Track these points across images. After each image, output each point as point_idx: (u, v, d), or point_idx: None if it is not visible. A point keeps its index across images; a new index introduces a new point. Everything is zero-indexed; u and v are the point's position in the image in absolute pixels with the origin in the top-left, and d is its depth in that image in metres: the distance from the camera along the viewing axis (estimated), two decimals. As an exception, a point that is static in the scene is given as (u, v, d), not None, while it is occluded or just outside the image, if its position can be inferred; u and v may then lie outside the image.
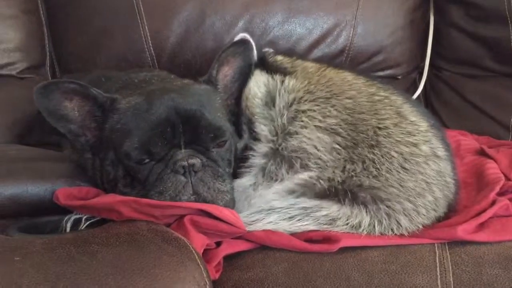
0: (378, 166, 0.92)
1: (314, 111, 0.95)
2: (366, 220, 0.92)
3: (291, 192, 0.95)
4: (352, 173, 0.92)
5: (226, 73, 1.05)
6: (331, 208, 0.93)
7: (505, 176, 1.11)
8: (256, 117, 1.01)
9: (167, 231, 0.87)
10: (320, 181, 0.94)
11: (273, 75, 1.04)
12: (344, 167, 0.93)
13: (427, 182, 0.94)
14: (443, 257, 0.87)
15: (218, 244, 0.92)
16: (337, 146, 0.93)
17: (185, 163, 0.91)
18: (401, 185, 0.92)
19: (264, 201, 0.96)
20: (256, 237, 0.92)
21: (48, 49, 1.52)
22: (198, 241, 0.87)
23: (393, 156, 0.92)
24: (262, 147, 0.99)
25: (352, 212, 0.93)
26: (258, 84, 1.03)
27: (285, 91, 1.00)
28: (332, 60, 1.56)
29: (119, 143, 0.93)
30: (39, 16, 1.51)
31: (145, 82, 1.08)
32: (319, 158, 0.94)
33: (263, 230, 0.93)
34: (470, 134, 1.46)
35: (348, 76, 1.01)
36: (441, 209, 0.97)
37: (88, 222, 0.93)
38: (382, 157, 0.92)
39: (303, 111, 0.96)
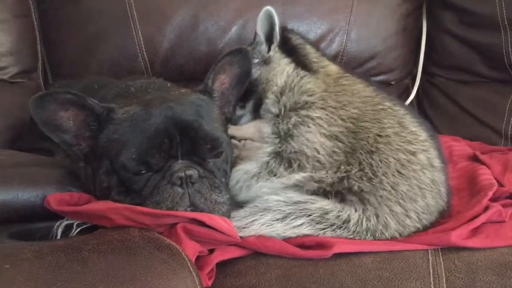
0: (376, 169, 0.94)
1: (322, 119, 0.98)
2: (355, 216, 0.94)
3: (285, 190, 0.97)
4: (344, 174, 0.95)
5: (223, 81, 1.05)
6: (323, 202, 0.95)
7: (498, 182, 1.12)
8: (267, 100, 1.06)
9: (159, 238, 0.86)
10: (312, 182, 0.96)
11: (297, 68, 1.06)
12: (339, 168, 0.95)
13: (421, 188, 0.95)
14: (436, 264, 0.87)
15: (211, 251, 0.92)
16: (337, 150, 0.96)
17: (182, 175, 0.91)
18: (393, 188, 0.94)
19: (260, 196, 0.97)
20: (249, 244, 0.92)
21: (40, 54, 1.51)
22: (191, 249, 0.86)
23: (390, 162, 0.94)
24: (267, 147, 1.01)
25: (343, 207, 0.94)
26: (282, 73, 1.06)
27: (299, 90, 1.03)
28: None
29: (116, 154, 0.92)
30: (31, 20, 1.50)
31: (141, 91, 1.08)
32: (318, 161, 0.96)
33: (256, 237, 0.93)
34: (463, 139, 1.47)
35: (360, 86, 1.04)
36: (432, 215, 0.98)
37: (79, 228, 0.92)
38: (380, 162, 0.94)
39: (313, 118, 0.98)
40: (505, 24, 1.46)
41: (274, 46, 1.09)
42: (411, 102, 1.66)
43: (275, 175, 0.98)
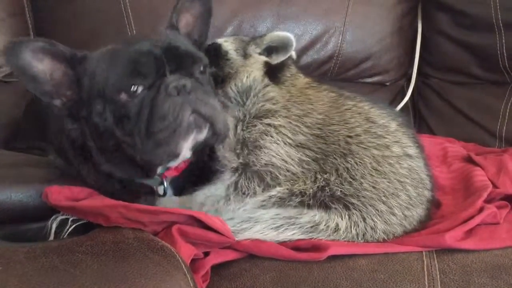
0: (353, 173, 0.94)
1: (285, 127, 0.97)
2: (342, 224, 0.94)
3: (264, 207, 0.97)
4: (324, 183, 0.95)
5: (187, 21, 1.06)
6: (310, 213, 0.94)
7: (493, 183, 1.12)
8: (230, 90, 1.06)
9: (153, 240, 0.86)
10: (292, 197, 0.96)
11: (265, 76, 1.06)
12: (316, 177, 0.95)
13: (401, 181, 0.96)
14: (431, 266, 0.87)
15: (206, 254, 0.91)
16: (306, 159, 0.96)
17: (177, 84, 0.88)
18: (374, 187, 0.94)
19: (247, 211, 0.96)
20: (244, 247, 0.92)
21: (35, 53, 1.51)
22: (186, 251, 0.86)
23: (366, 162, 0.94)
24: (231, 163, 0.99)
25: (330, 216, 0.94)
26: (250, 75, 1.06)
27: (263, 97, 1.03)
28: (321, 66, 1.56)
29: (104, 81, 0.90)
30: (26, 19, 1.49)
31: None
32: (288, 171, 0.96)
33: (251, 240, 0.92)
34: (457, 141, 1.47)
35: (324, 93, 1.04)
36: (418, 208, 0.98)
37: (74, 225, 0.91)
38: (356, 164, 0.94)
39: (275, 127, 0.98)
40: (499, 25, 1.46)
41: (262, 50, 1.08)
42: (406, 103, 1.66)
43: (247, 195, 0.97)
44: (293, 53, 1.10)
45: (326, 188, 0.95)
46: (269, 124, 0.99)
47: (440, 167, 1.26)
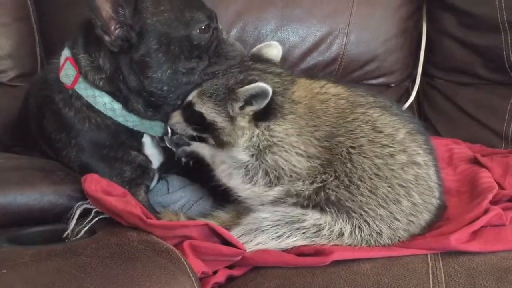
0: (351, 175, 0.93)
1: (298, 142, 0.96)
2: (347, 228, 0.93)
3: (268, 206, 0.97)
4: (320, 185, 0.94)
5: None
6: (314, 216, 0.94)
7: (499, 185, 1.11)
8: (235, 150, 1.00)
9: (158, 242, 0.86)
10: (287, 198, 0.96)
11: (261, 124, 0.97)
12: (315, 178, 0.95)
13: (403, 187, 0.94)
14: (436, 269, 0.86)
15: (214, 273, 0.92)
16: (314, 165, 0.95)
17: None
18: (372, 192, 0.93)
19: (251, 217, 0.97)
20: (247, 260, 0.92)
21: (40, 57, 1.51)
22: (195, 266, 0.86)
23: (365, 167, 0.94)
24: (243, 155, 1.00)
25: (333, 219, 0.94)
26: (246, 135, 0.98)
27: (270, 137, 0.97)
28: (325, 68, 1.56)
29: (172, 18, 0.98)
30: (31, 23, 1.50)
31: None
32: (294, 172, 0.96)
33: (253, 251, 0.93)
34: (463, 142, 1.46)
35: (332, 100, 0.99)
36: (423, 214, 0.97)
37: (97, 218, 0.93)
38: (355, 168, 0.94)
39: (288, 143, 0.97)
40: (505, 26, 1.45)
41: (242, 103, 0.96)
42: (411, 104, 1.65)
43: (250, 182, 0.98)
44: (279, 51, 1.06)
45: (321, 192, 0.94)
46: (281, 140, 0.97)
47: (446, 169, 1.25)
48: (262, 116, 0.96)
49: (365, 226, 0.93)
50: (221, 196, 1.08)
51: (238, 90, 0.95)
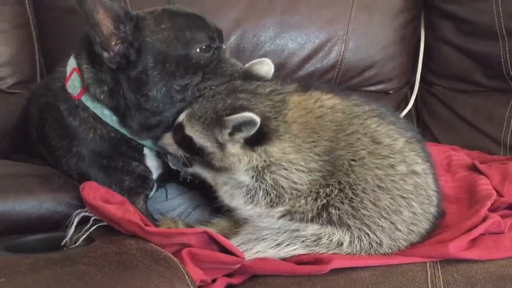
0: (355, 187, 0.92)
1: (297, 158, 0.95)
2: (346, 238, 0.93)
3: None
4: (325, 201, 0.93)
5: None
6: (313, 226, 0.94)
7: (497, 192, 1.11)
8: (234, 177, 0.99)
9: (156, 250, 0.86)
10: (295, 215, 0.95)
11: (255, 150, 0.95)
12: (318, 193, 0.94)
13: (404, 197, 0.94)
14: (435, 277, 0.86)
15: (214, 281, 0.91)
16: (315, 177, 0.94)
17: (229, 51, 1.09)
18: (375, 204, 0.93)
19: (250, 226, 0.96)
20: (246, 268, 0.92)
21: (39, 64, 1.51)
22: (194, 274, 0.86)
23: (368, 179, 0.93)
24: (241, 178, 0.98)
25: (333, 230, 0.93)
26: (242, 163, 0.96)
27: (267, 158, 0.95)
28: (324, 75, 1.56)
29: (171, 37, 0.99)
30: (30, 30, 1.50)
31: None
32: (295, 189, 0.95)
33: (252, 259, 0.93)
34: (461, 149, 1.46)
35: (329, 113, 0.97)
36: (423, 223, 0.97)
37: (96, 225, 0.93)
38: (358, 179, 0.93)
39: (286, 160, 0.95)
40: (503, 33, 1.46)
41: (231, 130, 0.94)
42: (410, 111, 1.65)
43: (255, 204, 0.97)
44: (271, 68, 1.03)
45: (325, 211, 0.93)
46: (280, 158, 0.95)
47: (444, 175, 1.26)
48: (256, 141, 0.94)
49: (365, 237, 0.93)
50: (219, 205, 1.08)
51: (226, 119, 0.92)
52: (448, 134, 1.57)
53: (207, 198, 1.16)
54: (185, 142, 0.98)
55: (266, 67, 1.03)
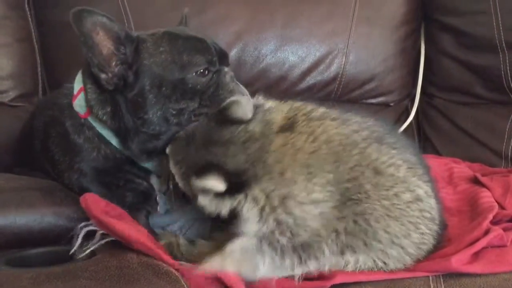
0: (367, 217, 0.90)
1: (296, 190, 0.90)
2: (351, 260, 0.91)
3: None
4: (344, 239, 0.90)
5: None
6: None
7: (499, 204, 1.11)
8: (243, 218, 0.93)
9: (158, 265, 0.86)
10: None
11: (235, 198, 0.91)
12: (337, 232, 0.90)
13: (412, 222, 0.93)
14: (438, 291, 0.86)
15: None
16: (326, 210, 0.90)
17: (231, 74, 1.05)
18: (386, 231, 0.91)
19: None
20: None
21: (41, 77, 1.52)
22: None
23: (377, 208, 0.91)
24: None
25: (337, 259, 0.91)
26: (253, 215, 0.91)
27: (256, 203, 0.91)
28: (325, 88, 1.57)
29: (168, 60, 0.99)
30: (32, 44, 1.50)
31: None
32: (308, 226, 0.89)
33: None
34: (463, 161, 1.46)
35: (323, 148, 0.92)
36: (430, 241, 0.96)
37: (103, 241, 0.91)
38: (369, 209, 0.90)
39: (284, 196, 0.90)
40: (502, 46, 1.46)
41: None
42: (410, 123, 1.66)
43: (277, 248, 0.89)
44: (248, 109, 0.93)
45: (342, 248, 0.90)
46: (277, 195, 0.90)
47: (446, 188, 1.25)
48: (236, 190, 0.89)
49: (371, 262, 0.91)
50: (218, 217, 1.07)
51: (192, 183, 0.89)
52: (449, 147, 1.57)
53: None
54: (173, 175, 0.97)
55: (242, 110, 0.93)
